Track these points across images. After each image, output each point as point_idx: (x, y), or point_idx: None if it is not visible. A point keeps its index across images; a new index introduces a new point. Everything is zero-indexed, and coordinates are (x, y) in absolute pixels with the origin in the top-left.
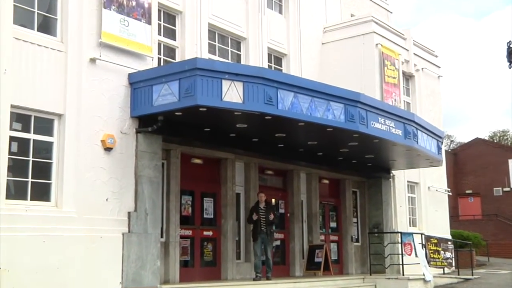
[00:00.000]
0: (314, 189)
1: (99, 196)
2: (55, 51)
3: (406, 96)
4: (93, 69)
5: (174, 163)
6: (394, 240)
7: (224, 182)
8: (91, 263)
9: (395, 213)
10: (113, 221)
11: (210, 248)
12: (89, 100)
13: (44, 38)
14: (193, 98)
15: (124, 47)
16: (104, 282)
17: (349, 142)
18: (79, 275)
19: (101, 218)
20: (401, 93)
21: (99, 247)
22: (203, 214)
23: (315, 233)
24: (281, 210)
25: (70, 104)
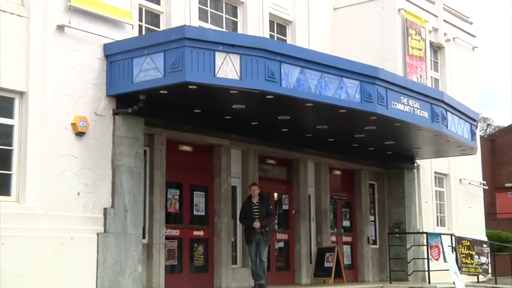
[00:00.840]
0: (323, 182)
1: (69, 189)
2: (14, 16)
3: (434, 72)
4: (61, 39)
5: (158, 150)
6: (419, 242)
7: (218, 173)
8: (59, 269)
9: (419, 210)
10: (86, 219)
11: (201, 251)
12: (56, 76)
13: (1, 0)
14: (181, 74)
15: (98, 12)
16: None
17: (366, 126)
18: (45, 283)
19: (71, 215)
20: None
21: (69, 250)
22: (192, 211)
23: (325, 234)
24: (284, 207)
25: (33, 80)
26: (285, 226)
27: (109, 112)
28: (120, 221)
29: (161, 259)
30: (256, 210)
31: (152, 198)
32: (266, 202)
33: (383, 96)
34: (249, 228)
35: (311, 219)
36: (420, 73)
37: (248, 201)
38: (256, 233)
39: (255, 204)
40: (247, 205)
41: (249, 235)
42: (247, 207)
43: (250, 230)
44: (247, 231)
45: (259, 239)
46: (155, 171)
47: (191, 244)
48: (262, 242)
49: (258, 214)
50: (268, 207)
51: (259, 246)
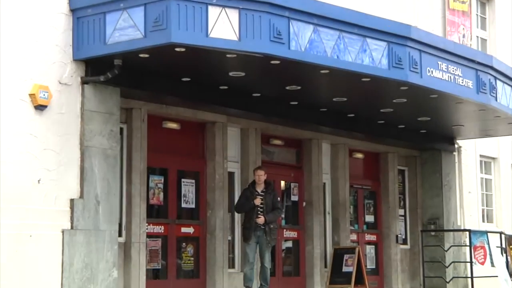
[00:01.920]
0: (342, 167)
1: (27, 176)
2: None
3: (481, 30)
4: None
5: (138, 128)
6: (460, 242)
7: (212, 157)
8: (15, 274)
9: (460, 203)
10: (49, 212)
11: (190, 252)
12: (9, 34)
13: None
14: (165, 33)
15: None
16: None
17: (395, 99)
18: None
19: (30, 208)
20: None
21: (27, 251)
22: (180, 203)
23: (343, 231)
24: (293, 198)
25: None
26: (294, 222)
27: (76, 81)
28: (90, 215)
29: (141, 262)
30: (260, 201)
31: (131, 187)
32: (273, 192)
33: (416, 61)
34: (248, 222)
35: (326, 213)
36: (463, 32)
37: (251, 189)
38: (257, 229)
39: (259, 194)
40: (249, 193)
41: (248, 231)
42: (249, 196)
43: (250, 224)
44: (246, 225)
45: (261, 238)
46: (134, 154)
47: (178, 243)
48: (264, 242)
49: (262, 206)
50: (275, 198)
51: (260, 247)
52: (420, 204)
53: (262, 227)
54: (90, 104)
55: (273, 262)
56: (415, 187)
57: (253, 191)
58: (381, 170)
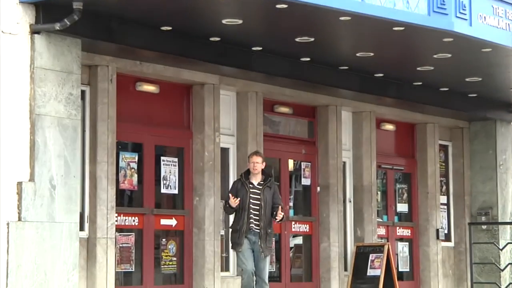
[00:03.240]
0: (367, 142)
1: None
2: None
3: None
4: None
5: (104, 91)
6: None
7: (200, 128)
8: None
9: None
10: None
11: (172, 250)
12: None
13: None
14: None
15: None
16: None
17: (436, 53)
18: None
19: None
20: None
21: None
22: (159, 188)
23: (369, 224)
24: (304, 181)
25: None
26: (306, 212)
27: (24, 29)
28: (44, 203)
29: (109, 263)
30: (255, 197)
31: (95, 168)
32: (273, 185)
33: (465, 4)
34: (238, 224)
35: (347, 201)
36: None
37: (244, 181)
38: (250, 234)
39: (254, 187)
40: (240, 186)
41: (237, 235)
42: (240, 189)
43: (239, 228)
44: (235, 230)
45: (255, 246)
46: (100, 125)
47: (157, 239)
48: (258, 251)
49: (258, 204)
50: (276, 194)
51: (255, 257)
52: (467, 190)
53: (256, 230)
54: (42, 60)
55: (278, 263)
56: (462, 167)
57: (247, 182)
58: (417, 145)
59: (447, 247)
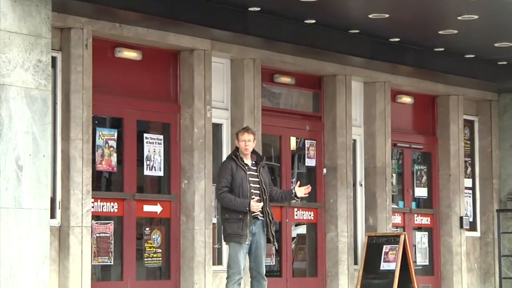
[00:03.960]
0: (381, 117)
1: None
2: None
3: None
4: None
5: (78, 58)
6: None
7: (188, 101)
8: None
9: None
10: None
11: (156, 241)
12: None
13: None
14: None
15: None
16: None
17: (461, 15)
18: None
19: None
20: None
21: None
22: (142, 169)
23: (382, 211)
24: (309, 162)
25: None
26: (310, 197)
27: None
28: (9, 186)
29: (84, 256)
30: (255, 180)
31: (68, 146)
32: (265, 165)
33: None
34: (238, 215)
35: (357, 185)
36: None
37: (237, 163)
38: (253, 224)
39: (249, 168)
40: (236, 167)
41: (239, 226)
42: (237, 172)
43: (243, 218)
44: (237, 219)
45: (257, 236)
46: (74, 97)
47: (139, 228)
48: (262, 242)
49: (259, 188)
50: (268, 175)
51: (254, 250)
52: (496, 172)
53: (261, 217)
54: (6, 22)
55: (278, 256)
56: (489, 146)
57: (241, 164)
58: (438, 121)
59: (472, 237)
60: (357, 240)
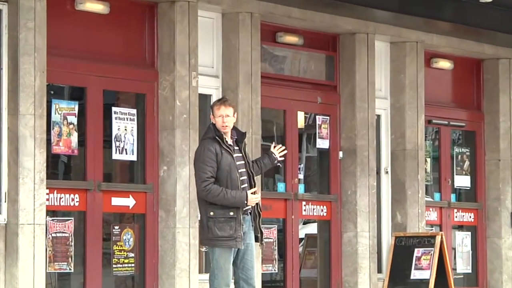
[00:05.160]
0: (412, 86)
1: None
2: None
3: None
4: None
5: (30, 11)
6: None
7: (168, 65)
8: None
9: None
10: None
11: (129, 242)
12: None
13: None
14: None
15: None
16: None
17: None
18: None
19: None
20: None
21: None
22: (110, 152)
23: (413, 205)
24: (321, 143)
25: None
26: (322, 188)
27: None
28: None
29: (37, 261)
30: (241, 164)
31: (17, 123)
32: (242, 142)
33: None
34: (229, 212)
35: (382, 172)
36: None
37: (221, 146)
38: (245, 221)
39: (234, 150)
40: (221, 150)
41: (232, 227)
42: (224, 156)
43: (236, 215)
44: (228, 218)
45: (247, 236)
46: (23, 60)
47: (106, 226)
48: (251, 242)
49: (246, 173)
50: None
51: (244, 251)
52: None
53: (250, 211)
54: None
55: (282, 262)
56: None
57: (225, 145)
58: (485, 91)
59: None
60: (381, 242)
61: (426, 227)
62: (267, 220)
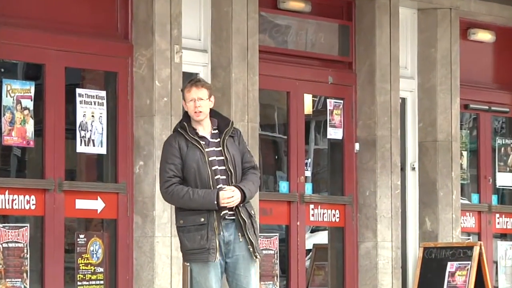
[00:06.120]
0: (444, 63)
1: None
2: None
3: None
4: None
5: None
6: None
7: (145, 38)
8: None
9: None
10: None
11: (97, 254)
12: None
13: None
14: None
15: None
16: None
17: None
18: None
19: None
20: None
21: None
22: (74, 144)
23: (446, 209)
24: (332, 133)
25: None
26: (335, 188)
27: None
28: None
29: None
30: (217, 160)
31: None
32: (238, 135)
33: None
34: (199, 217)
35: (408, 168)
36: None
37: (187, 139)
38: (224, 228)
39: (208, 143)
40: (187, 145)
41: (203, 236)
42: (189, 152)
43: (207, 222)
44: (198, 225)
45: (235, 246)
46: None
47: (69, 235)
48: (242, 253)
49: (225, 171)
50: (243, 145)
51: (234, 266)
52: None
53: (231, 217)
54: None
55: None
56: None
57: (195, 139)
58: None
59: None
60: (406, 254)
61: (461, 236)
62: (267, 227)
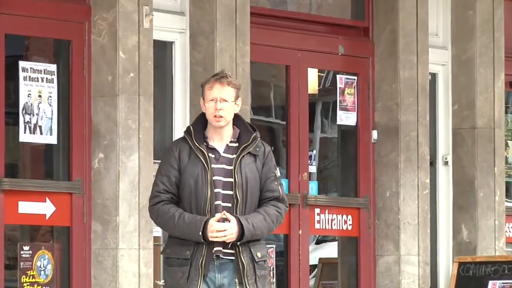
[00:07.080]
0: (485, 31)
1: None
2: None
3: None
4: None
5: None
6: None
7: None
8: None
9: None
10: None
11: (45, 271)
12: None
13: None
14: None
15: None
16: None
17: None
18: None
19: None
20: None
21: None
22: (17, 131)
23: (487, 214)
24: (344, 118)
25: None
26: (346, 188)
27: None
28: None
29: None
30: (223, 182)
31: None
32: (262, 149)
33: None
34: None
35: (439, 163)
36: None
37: (191, 147)
38: (216, 268)
39: (220, 157)
40: (190, 156)
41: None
42: (190, 164)
43: (188, 257)
44: (182, 259)
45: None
46: None
47: (11, 246)
48: None
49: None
50: (269, 168)
51: None
52: None
53: (227, 258)
54: None
55: None
56: None
57: (202, 149)
58: None
59: None
60: (437, 271)
61: (506, 248)
62: None
